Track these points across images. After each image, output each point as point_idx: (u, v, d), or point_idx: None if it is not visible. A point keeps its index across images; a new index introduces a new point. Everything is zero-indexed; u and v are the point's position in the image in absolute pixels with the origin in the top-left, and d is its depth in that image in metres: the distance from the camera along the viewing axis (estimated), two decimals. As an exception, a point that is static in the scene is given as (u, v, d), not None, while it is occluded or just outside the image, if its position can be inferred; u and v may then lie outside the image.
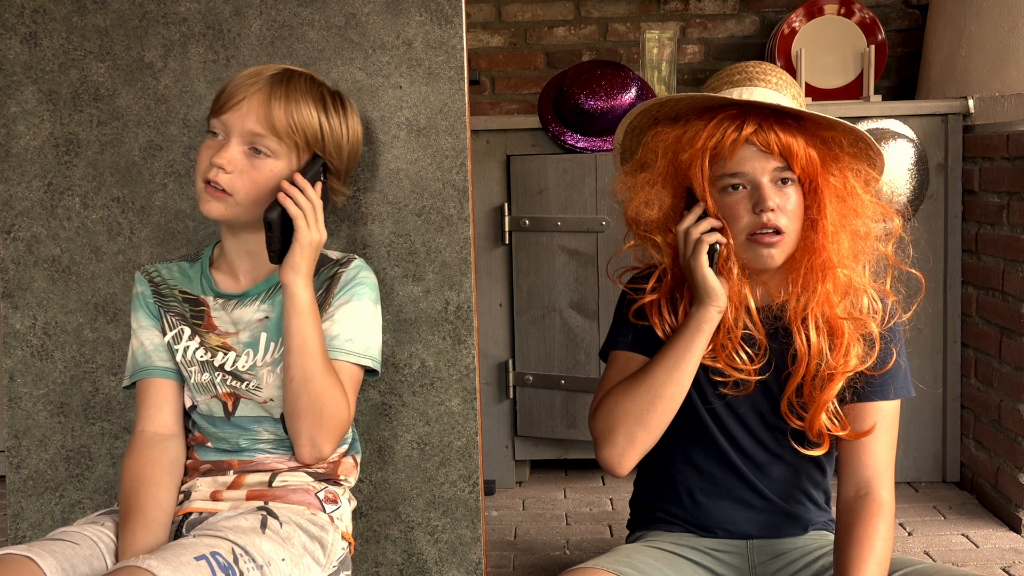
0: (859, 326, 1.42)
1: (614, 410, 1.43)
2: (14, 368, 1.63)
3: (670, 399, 1.41)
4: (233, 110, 1.32)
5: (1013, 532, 2.26)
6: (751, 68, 1.46)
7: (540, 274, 2.55)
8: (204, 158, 1.33)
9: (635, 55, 3.25)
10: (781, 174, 1.39)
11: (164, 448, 1.37)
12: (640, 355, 1.49)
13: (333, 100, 1.40)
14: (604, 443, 1.43)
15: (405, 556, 1.63)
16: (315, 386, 1.31)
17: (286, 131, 1.33)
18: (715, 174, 1.40)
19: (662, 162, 1.44)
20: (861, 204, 1.41)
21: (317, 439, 1.34)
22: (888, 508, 1.39)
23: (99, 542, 1.29)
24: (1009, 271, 2.28)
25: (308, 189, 1.34)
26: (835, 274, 1.40)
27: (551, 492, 2.64)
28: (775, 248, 1.39)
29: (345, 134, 1.41)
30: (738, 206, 1.39)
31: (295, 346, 1.31)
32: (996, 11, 2.58)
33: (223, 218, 1.35)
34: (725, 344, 1.44)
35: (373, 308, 1.42)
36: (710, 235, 1.40)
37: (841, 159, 1.41)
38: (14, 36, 1.59)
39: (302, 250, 1.32)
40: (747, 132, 1.36)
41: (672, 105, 1.44)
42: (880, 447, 1.43)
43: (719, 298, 1.40)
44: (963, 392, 2.56)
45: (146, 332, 1.42)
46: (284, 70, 1.37)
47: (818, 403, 1.42)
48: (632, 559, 1.42)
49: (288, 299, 1.32)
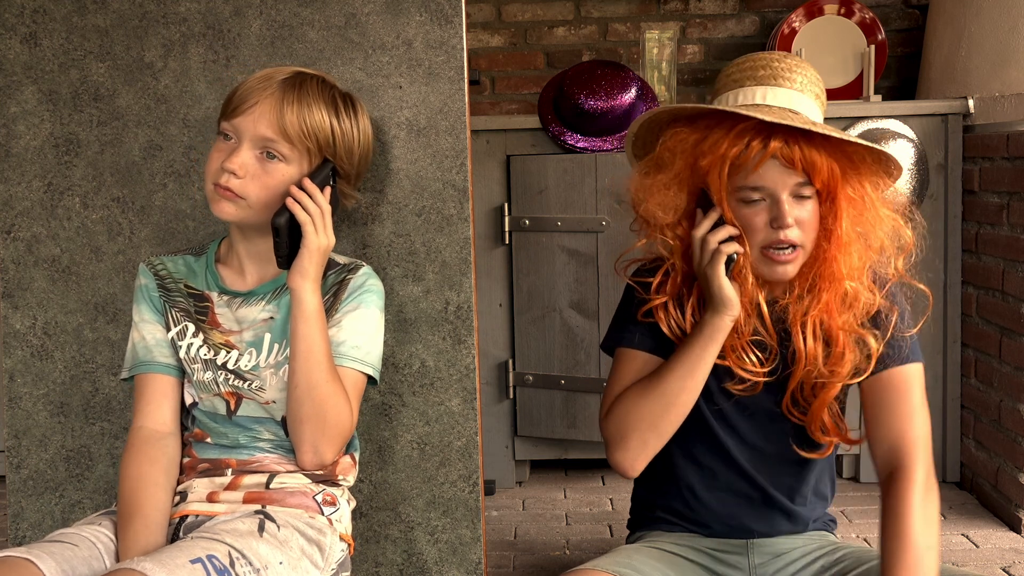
0: (856, 338, 1.40)
1: (627, 416, 1.43)
2: (14, 368, 1.63)
3: (683, 406, 1.42)
4: (245, 114, 1.31)
5: (1013, 532, 2.26)
6: (776, 63, 1.41)
7: (540, 274, 2.55)
8: (215, 160, 1.32)
9: (635, 55, 3.25)
10: (800, 189, 1.36)
11: (163, 447, 1.37)
12: (648, 354, 1.48)
13: (345, 103, 1.39)
14: (617, 447, 1.44)
15: (405, 556, 1.63)
16: (319, 393, 1.31)
17: (298, 136, 1.32)
18: (734, 184, 1.37)
19: (680, 163, 1.41)
20: (877, 217, 1.39)
21: (320, 446, 1.33)
22: (919, 480, 1.35)
23: (97, 543, 1.28)
24: (1009, 271, 2.28)
25: (317, 194, 1.32)
26: (841, 285, 1.39)
27: (551, 492, 2.64)
28: (790, 265, 1.38)
29: (357, 138, 1.40)
30: (756, 219, 1.37)
31: (301, 352, 1.31)
32: (996, 11, 2.58)
33: (235, 220, 1.34)
34: (735, 346, 1.43)
35: (379, 316, 1.41)
36: (728, 244, 1.37)
37: (861, 171, 1.38)
38: (14, 36, 1.59)
39: (310, 256, 1.32)
40: (773, 147, 1.32)
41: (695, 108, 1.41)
42: (901, 417, 1.40)
43: (734, 307, 1.39)
44: (963, 392, 2.55)
45: (148, 326, 1.41)
46: (296, 73, 1.36)
47: (816, 408, 1.42)
48: (632, 560, 1.42)
49: (295, 305, 1.32)
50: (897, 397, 1.41)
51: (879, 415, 1.41)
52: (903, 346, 1.42)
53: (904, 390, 1.42)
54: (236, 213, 1.33)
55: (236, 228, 1.39)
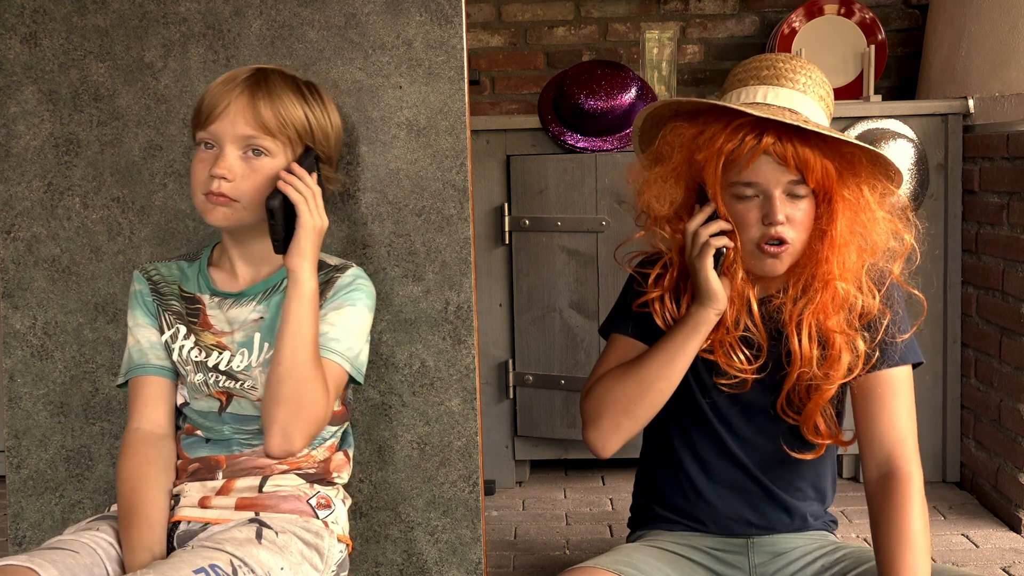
0: (851, 339, 1.41)
1: (604, 396, 1.46)
2: (14, 368, 1.63)
3: (659, 393, 1.44)
4: (220, 119, 1.31)
5: (1013, 532, 2.26)
6: (780, 64, 1.42)
7: (540, 274, 2.55)
8: (200, 172, 1.33)
9: (635, 55, 3.25)
10: (794, 187, 1.37)
11: (159, 448, 1.37)
12: (639, 342, 1.51)
13: (310, 91, 1.40)
14: (590, 426, 1.47)
15: (405, 556, 1.63)
16: (300, 374, 1.29)
17: (277, 128, 1.33)
18: (728, 179, 1.39)
19: (677, 157, 1.44)
20: (873, 220, 1.39)
21: (290, 430, 1.29)
22: (914, 481, 1.37)
23: (98, 549, 1.28)
24: (1009, 271, 2.28)
25: (306, 176, 1.34)
26: (835, 286, 1.39)
27: (551, 492, 2.64)
28: (779, 258, 1.40)
29: (328, 122, 1.42)
30: (748, 214, 1.39)
31: (289, 331, 1.30)
32: (996, 11, 2.58)
33: (229, 224, 1.35)
34: (724, 341, 1.45)
35: (366, 316, 1.41)
36: (718, 239, 1.40)
37: (859, 173, 1.39)
38: (14, 36, 1.59)
39: (307, 235, 1.32)
40: (766, 143, 1.34)
41: (693, 102, 1.44)
42: (895, 417, 1.41)
43: (719, 301, 1.41)
44: (963, 392, 2.55)
45: (143, 330, 1.41)
46: (257, 70, 1.37)
47: (809, 409, 1.43)
48: (632, 558, 1.42)
49: (292, 285, 1.32)
50: (889, 397, 1.42)
51: (873, 415, 1.42)
52: (894, 351, 1.43)
53: (896, 390, 1.43)
54: (231, 217, 1.33)
55: (228, 234, 1.40)
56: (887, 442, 1.40)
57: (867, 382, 1.43)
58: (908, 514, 1.33)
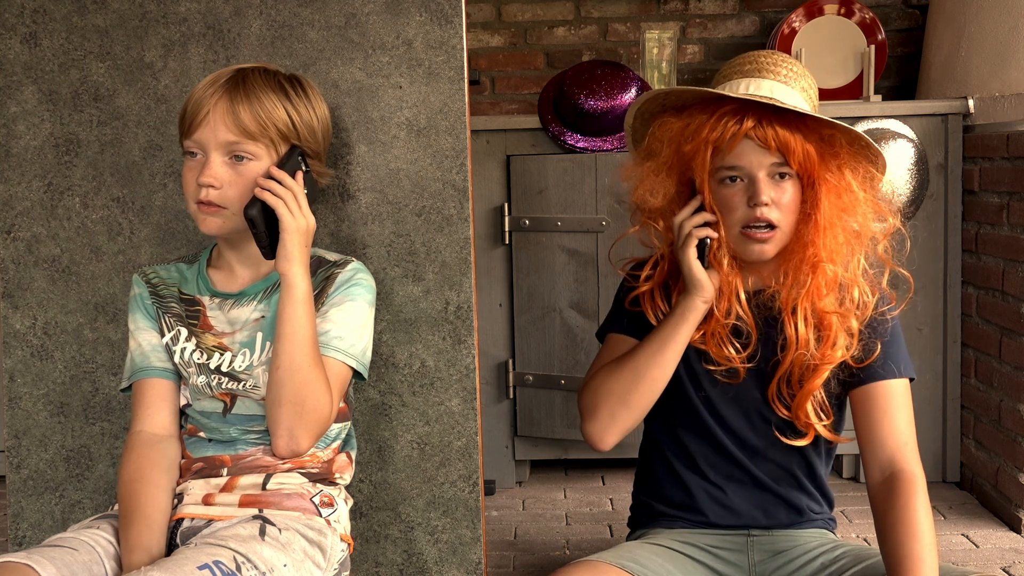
0: (846, 319, 1.45)
1: (599, 388, 1.50)
2: (14, 368, 1.63)
3: (652, 381, 1.47)
4: (202, 127, 1.31)
5: (1013, 532, 2.26)
6: (762, 59, 1.48)
7: (540, 274, 2.55)
8: (189, 181, 1.33)
9: (635, 55, 3.25)
10: (778, 169, 1.41)
11: (162, 449, 1.37)
12: (632, 338, 1.55)
13: (293, 86, 1.38)
14: (588, 418, 1.50)
15: (405, 556, 1.63)
16: (301, 376, 1.30)
17: (259, 131, 1.32)
18: (714, 166, 1.43)
19: (667, 152, 1.48)
20: (856, 201, 1.43)
21: (296, 431, 1.31)
22: (918, 480, 1.39)
23: (97, 547, 1.28)
24: (1009, 271, 2.28)
25: (285, 178, 1.32)
26: (824, 268, 1.43)
27: (551, 492, 2.64)
28: (767, 244, 1.43)
29: (314, 116, 1.40)
30: (734, 198, 1.43)
31: (285, 334, 1.30)
32: (996, 11, 2.58)
33: (223, 231, 1.35)
34: (715, 332, 1.48)
35: (367, 311, 1.41)
36: (701, 229, 1.44)
37: (840, 156, 1.43)
38: (14, 36, 1.59)
39: (291, 237, 1.31)
40: (746, 127, 1.39)
41: (677, 95, 1.48)
42: (896, 423, 1.44)
43: (705, 290, 1.45)
44: (963, 392, 2.55)
45: (143, 333, 1.41)
46: (236, 71, 1.36)
47: (803, 392, 1.45)
48: (635, 554, 1.44)
49: (286, 289, 1.31)
50: (890, 406, 1.45)
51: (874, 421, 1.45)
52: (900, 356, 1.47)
53: (897, 401, 1.46)
54: (224, 224, 1.34)
55: (223, 240, 1.40)
56: (889, 446, 1.43)
57: (867, 393, 1.46)
58: (914, 509, 1.35)
